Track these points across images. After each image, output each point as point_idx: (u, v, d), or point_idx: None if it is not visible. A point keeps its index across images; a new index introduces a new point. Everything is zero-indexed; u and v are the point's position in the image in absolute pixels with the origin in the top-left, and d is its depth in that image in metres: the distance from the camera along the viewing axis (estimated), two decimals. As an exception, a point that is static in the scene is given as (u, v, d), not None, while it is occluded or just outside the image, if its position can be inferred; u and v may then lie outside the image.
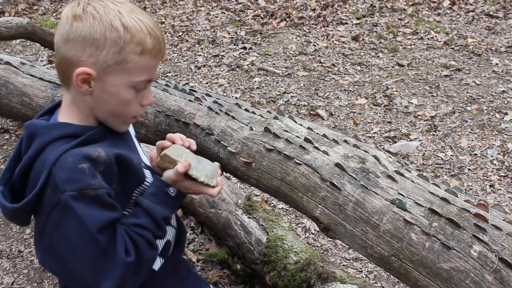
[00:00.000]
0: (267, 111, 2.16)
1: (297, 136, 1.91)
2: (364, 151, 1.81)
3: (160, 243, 1.62)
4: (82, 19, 1.37)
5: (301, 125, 2.01)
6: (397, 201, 1.59)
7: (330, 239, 3.23)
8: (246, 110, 2.15)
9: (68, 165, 1.34)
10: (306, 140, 1.87)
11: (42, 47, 5.57)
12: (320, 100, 5.00)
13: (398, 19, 6.98)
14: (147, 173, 1.60)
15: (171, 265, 1.73)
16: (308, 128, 1.97)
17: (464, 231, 1.47)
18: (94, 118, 1.50)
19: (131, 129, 1.72)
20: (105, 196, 1.37)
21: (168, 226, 1.62)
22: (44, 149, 1.40)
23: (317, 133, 1.93)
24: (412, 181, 1.69)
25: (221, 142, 2.06)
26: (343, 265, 3.07)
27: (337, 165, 1.75)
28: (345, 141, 1.88)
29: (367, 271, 3.03)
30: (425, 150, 4.15)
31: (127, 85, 1.43)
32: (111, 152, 1.41)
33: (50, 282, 2.93)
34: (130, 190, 1.52)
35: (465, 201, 1.59)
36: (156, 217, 1.47)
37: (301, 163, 1.81)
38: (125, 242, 1.41)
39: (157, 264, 1.63)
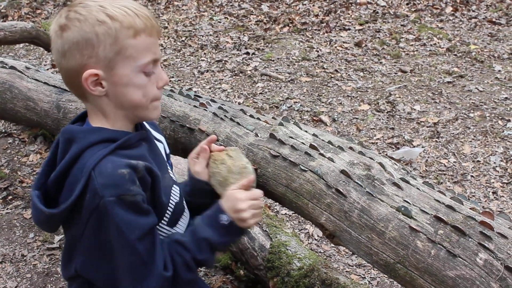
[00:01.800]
0: (272, 118, 2.16)
1: (302, 143, 1.92)
2: (370, 158, 1.82)
3: None
4: (69, 27, 1.37)
5: (306, 131, 2.01)
6: (402, 209, 1.59)
7: (333, 245, 3.23)
8: (251, 116, 2.16)
9: (107, 170, 1.35)
10: (312, 146, 1.87)
11: (46, 52, 5.58)
12: (323, 106, 5.01)
13: (401, 25, 6.98)
14: (175, 192, 1.60)
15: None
16: (313, 134, 1.98)
17: (470, 239, 1.47)
18: (124, 120, 1.49)
19: (162, 148, 1.71)
20: (141, 203, 1.38)
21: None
22: (82, 154, 1.40)
23: (322, 140, 1.93)
24: (417, 188, 1.69)
25: (226, 148, 2.06)
26: (346, 271, 3.07)
27: (343, 172, 1.75)
28: (351, 148, 1.88)
29: (370, 277, 3.03)
30: (428, 157, 4.15)
31: (135, 71, 1.41)
32: (147, 163, 1.42)
33: (54, 287, 2.93)
34: (158, 209, 1.51)
35: (470, 208, 1.60)
36: (198, 237, 1.46)
37: (306, 169, 1.82)
38: (164, 256, 1.42)
39: None
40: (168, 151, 1.75)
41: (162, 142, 1.72)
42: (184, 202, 1.68)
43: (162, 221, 1.54)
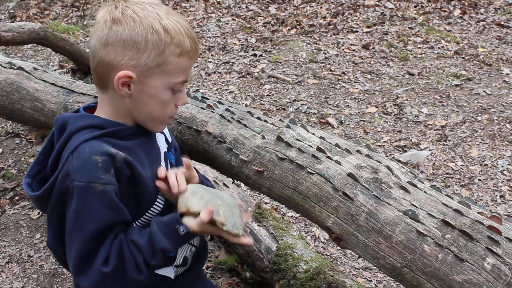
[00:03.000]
0: (279, 120, 2.16)
1: (309, 145, 1.91)
2: (377, 161, 1.81)
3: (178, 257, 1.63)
4: (122, 23, 1.38)
5: (313, 134, 2.01)
6: (410, 212, 1.59)
7: (340, 248, 3.22)
8: (258, 118, 2.15)
9: (83, 154, 1.36)
10: (319, 149, 1.87)
11: (53, 52, 5.59)
12: (330, 108, 5.00)
13: (409, 27, 6.97)
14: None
15: (190, 279, 1.75)
16: (321, 137, 1.97)
17: (478, 243, 1.46)
18: (131, 120, 1.52)
19: (163, 139, 1.70)
20: (112, 194, 1.37)
21: (184, 246, 1.58)
22: (71, 137, 1.43)
23: (330, 143, 1.93)
24: (425, 192, 1.68)
25: (233, 150, 2.06)
26: (353, 274, 3.06)
27: (350, 175, 1.74)
28: (358, 151, 1.88)
29: (376, 280, 3.02)
30: (435, 160, 4.14)
31: (165, 86, 1.45)
32: (128, 156, 1.42)
33: (60, 287, 2.93)
34: (142, 203, 1.51)
35: (478, 213, 1.59)
36: (155, 246, 1.43)
37: (313, 172, 1.81)
38: (109, 251, 1.40)
39: (171, 273, 1.65)
40: (170, 139, 1.74)
41: (164, 133, 1.72)
42: None
43: (152, 211, 1.54)
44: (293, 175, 1.87)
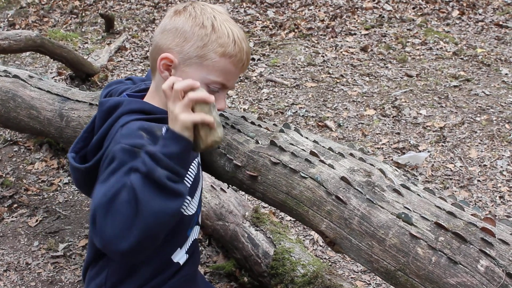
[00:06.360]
0: (273, 124, 2.15)
1: (302, 150, 1.90)
2: (370, 164, 1.80)
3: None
4: (181, 15, 1.57)
5: (307, 138, 2.00)
6: (403, 215, 1.58)
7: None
8: (252, 123, 2.14)
9: (132, 127, 1.45)
10: (312, 153, 1.86)
11: (51, 60, 5.60)
12: (328, 111, 4.99)
13: (407, 29, 6.97)
14: (194, 164, 1.71)
15: (192, 270, 1.82)
16: (314, 141, 1.96)
17: (471, 245, 1.45)
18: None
19: None
20: None
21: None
22: (121, 117, 1.52)
23: (323, 146, 1.92)
24: (418, 194, 1.67)
25: (227, 155, 2.05)
26: (351, 277, 3.05)
27: (343, 178, 1.73)
28: (351, 154, 1.87)
29: (375, 283, 3.01)
30: (434, 161, 4.13)
31: (202, 80, 1.53)
32: None
33: (58, 295, 2.93)
34: None
35: (472, 215, 1.58)
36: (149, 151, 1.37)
37: (306, 176, 1.80)
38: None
39: (182, 258, 1.75)
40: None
41: None
42: (201, 173, 1.82)
43: None
44: (286, 179, 1.86)
